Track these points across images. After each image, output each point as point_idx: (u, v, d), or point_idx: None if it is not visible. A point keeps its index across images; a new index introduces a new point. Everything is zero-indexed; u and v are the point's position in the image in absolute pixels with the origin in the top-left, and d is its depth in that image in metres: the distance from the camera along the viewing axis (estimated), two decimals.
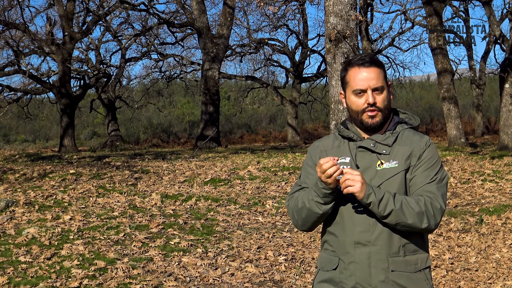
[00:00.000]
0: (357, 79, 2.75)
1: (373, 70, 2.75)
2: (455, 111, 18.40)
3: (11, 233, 7.79)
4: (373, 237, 2.67)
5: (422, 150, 2.75)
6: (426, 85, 50.81)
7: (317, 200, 2.68)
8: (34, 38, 23.54)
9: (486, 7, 20.66)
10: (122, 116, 39.47)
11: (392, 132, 2.79)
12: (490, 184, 11.67)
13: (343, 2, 9.01)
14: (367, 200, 2.57)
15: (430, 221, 2.63)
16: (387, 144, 2.74)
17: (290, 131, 29.84)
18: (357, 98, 2.76)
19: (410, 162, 2.72)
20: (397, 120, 2.86)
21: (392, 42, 31.18)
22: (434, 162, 2.75)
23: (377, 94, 2.74)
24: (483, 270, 7.00)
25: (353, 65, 2.79)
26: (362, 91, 2.74)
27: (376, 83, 2.73)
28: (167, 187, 11.44)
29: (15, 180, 11.87)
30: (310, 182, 2.85)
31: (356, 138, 2.80)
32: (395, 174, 2.69)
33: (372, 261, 2.67)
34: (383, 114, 2.76)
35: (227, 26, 22.62)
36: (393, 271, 2.67)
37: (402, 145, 2.75)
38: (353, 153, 2.78)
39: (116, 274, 6.40)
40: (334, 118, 9.22)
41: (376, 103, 2.73)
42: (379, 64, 2.79)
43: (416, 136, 2.80)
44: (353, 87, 2.76)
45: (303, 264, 7.17)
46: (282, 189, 11.53)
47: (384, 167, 2.71)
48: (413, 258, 2.71)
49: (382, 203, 2.57)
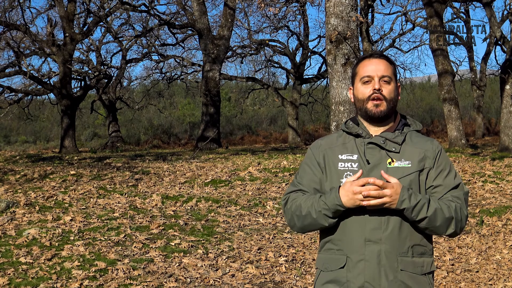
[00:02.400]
0: (365, 68, 2.79)
1: (382, 62, 2.80)
2: (455, 112, 18.40)
3: (12, 234, 7.79)
4: (385, 235, 2.65)
5: (435, 153, 2.76)
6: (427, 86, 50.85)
7: (325, 214, 2.65)
8: (35, 39, 23.56)
9: (487, 8, 20.66)
10: (123, 117, 39.50)
11: (401, 132, 2.79)
12: (490, 185, 11.66)
13: (344, 3, 9.01)
14: (401, 206, 2.57)
15: (457, 227, 2.66)
16: (397, 142, 2.74)
17: (290, 132, 29.85)
18: (364, 85, 2.78)
19: (425, 164, 2.72)
20: (404, 122, 2.87)
21: (393, 44, 31.23)
22: (450, 167, 2.77)
23: (384, 83, 2.76)
24: (484, 271, 6.99)
25: (364, 58, 2.85)
26: (369, 77, 2.76)
27: (384, 72, 2.76)
28: (168, 188, 11.44)
29: (15, 181, 11.87)
30: (307, 182, 2.83)
31: (365, 135, 2.78)
32: (408, 174, 2.69)
33: (382, 259, 2.65)
34: (387, 105, 2.75)
35: (227, 27, 22.63)
36: (402, 271, 2.66)
37: (413, 146, 2.75)
38: (361, 149, 2.76)
39: (116, 275, 6.39)
40: (334, 120, 9.22)
41: (381, 91, 2.74)
42: (389, 60, 2.83)
43: (426, 139, 2.82)
44: (361, 75, 2.79)
45: (303, 265, 7.17)
46: (283, 190, 11.53)
47: (396, 165, 2.70)
48: (420, 260, 2.70)
49: (416, 209, 2.57)
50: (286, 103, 30.13)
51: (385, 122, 2.80)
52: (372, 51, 2.98)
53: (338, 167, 2.76)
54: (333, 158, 2.79)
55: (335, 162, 2.78)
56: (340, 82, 9.11)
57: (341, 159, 2.77)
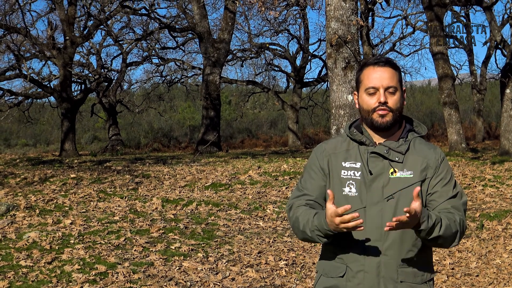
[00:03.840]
0: (370, 77, 2.71)
1: (387, 70, 2.71)
2: (456, 116, 18.40)
3: (12, 237, 7.79)
4: (385, 246, 2.63)
5: (437, 162, 2.72)
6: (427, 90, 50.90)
7: (318, 234, 2.61)
8: (35, 42, 23.60)
9: (487, 12, 20.67)
10: (123, 121, 39.51)
11: (405, 140, 2.74)
12: (490, 189, 11.66)
13: (344, 7, 9.02)
14: (419, 228, 2.50)
15: (459, 239, 2.65)
16: (400, 151, 2.70)
17: (291, 135, 29.85)
18: (369, 97, 2.71)
19: (426, 174, 2.68)
20: (409, 128, 2.81)
21: (393, 47, 31.26)
22: (451, 177, 2.73)
23: (389, 94, 2.69)
24: (484, 276, 6.99)
25: (368, 65, 2.76)
26: (375, 88, 2.68)
27: (389, 83, 2.68)
28: (168, 192, 11.44)
29: (16, 184, 11.88)
30: (311, 187, 2.79)
31: (369, 143, 2.74)
32: (410, 185, 2.64)
33: (382, 270, 2.63)
34: (394, 115, 2.69)
35: (228, 31, 22.66)
36: (402, 282, 2.64)
37: (416, 155, 2.71)
38: (364, 158, 2.71)
39: (116, 278, 6.39)
40: (335, 123, 9.22)
41: (387, 103, 2.68)
42: (394, 66, 2.75)
43: (430, 147, 2.77)
44: (366, 85, 2.72)
45: (303, 269, 7.17)
46: (283, 194, 11.53)
47: (398, 175, 2.66)
48: (421, 270, 2.69)
49: (430, 230, 2.52)
50: (286, 107, 30.14)
51: (391, 130, 2.75)
52: (377, 57, 2.94)
53: (341, 175, 2.72)
54: (337, 165, 2.75)
55: (338, 170, 2.74)
56: (340, 85, 9.11)
57: (344, 167, 2.73)
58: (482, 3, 20.74)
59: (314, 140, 32.15)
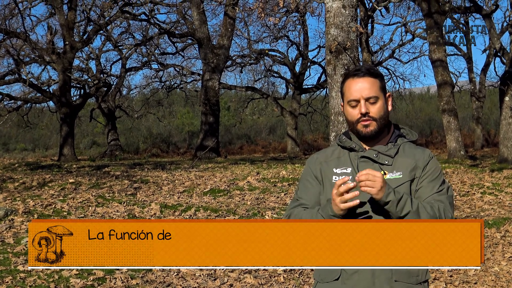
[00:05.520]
0: (351, 90, 2.76)
1: (366, 80, 2.76)
2: (454, 123, 18.42)
3: (10, 242, 7.77)
4: None
5: (426, 162, 2.76)
6: (426, 97, 50.94)
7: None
8: (35, 47, 23.61)
9: (487, 19, 20.72)
10: (122, 126, 39.50)
11: (394, 144, 2.80)
12: (489, 197, 11.66)
13: (343, 13, 9.04)
14: (386, 199, 2.54)
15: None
16: (389, 155, 2.75)
17: (289, 142, 29.86)
18: (352, 109, 2.77)
19: (415, 174, 2.73)
20: (398, 133, 2.87)
21: (393, 54, 31.29)
22: (438, 174, 2.77)
23: (371, 104, 2.74)
24: (482, 283, 6.98)
25: (349, 77, 2.81)
26: (355, 101, 2.74)
27: (368, 93, 2.73)
28: (167, 197, 11.43)
29: (14, 189, 11.87)
30: (307, 197, 2.85)
31: (358, 149, 2.80)
32: (400, 185, 2.69)
33: (376, 271, 2.65)
34: (378, 124, 2.75)
35: (227, 37, 22.69)
36: (396, 281, 2.66)
37: (405, 157, 2.76)
38: (355, 163, 2.77)
39: (114, 284, 6.38)
40: (334, 130, 9.22)
41: (368, 113, 2.73)
42: (374, 74, 2.79)
43: (418, 149, 2.82)
44: (348, 97, 2.78)
45: (302, 276, 7.16)
46: (282, 200, 11.52)
47: (388, 177, 2.71)
48: (415, 270, 2.70)
49: (400, 203, 2.56)
50: (285, 113, 30.16)
51: (378, 137, 2.81)
52: (357, 67, 2.96)
53: (333, 180, 2.77)
54: (328, 172, 2.82)
55: (329, 176, 2.80)
56: (339, 92, 9.09)
57: (335, 173, 2.79)
58: (482, 10, 20.80)
59: (313, 147, 32.17)
